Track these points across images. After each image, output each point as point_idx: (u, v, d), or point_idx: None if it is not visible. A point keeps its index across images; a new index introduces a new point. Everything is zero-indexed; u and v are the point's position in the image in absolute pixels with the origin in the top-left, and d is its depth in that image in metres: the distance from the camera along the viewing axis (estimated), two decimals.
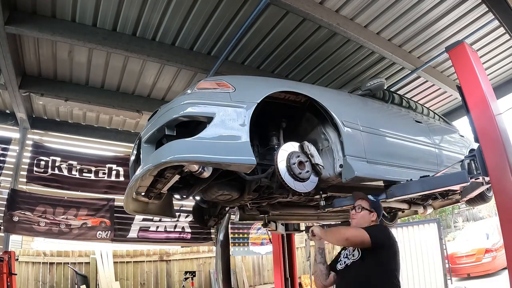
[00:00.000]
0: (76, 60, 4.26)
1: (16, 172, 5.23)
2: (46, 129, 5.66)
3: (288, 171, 2.27)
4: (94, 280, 6.38)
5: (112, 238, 5.64)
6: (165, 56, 3.99)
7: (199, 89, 2.26)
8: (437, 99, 5.87)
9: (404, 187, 2.75)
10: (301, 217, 4.29)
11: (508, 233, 2.21)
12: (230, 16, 3.66)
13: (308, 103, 2.65)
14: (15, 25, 3.36)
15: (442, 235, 8.00)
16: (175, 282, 7.10)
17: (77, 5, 3.42)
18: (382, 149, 2.91)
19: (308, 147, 2.42)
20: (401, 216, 4.96)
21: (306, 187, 2.36)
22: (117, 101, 4.97)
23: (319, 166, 2.42)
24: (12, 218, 4.93)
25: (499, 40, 4.46)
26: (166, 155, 1.98)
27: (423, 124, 3.64)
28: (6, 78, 4.06)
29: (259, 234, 7.46)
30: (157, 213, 2.96)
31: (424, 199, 3.62)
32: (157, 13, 3.57)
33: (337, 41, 4.18)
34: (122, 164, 5.94)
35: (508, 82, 5.47)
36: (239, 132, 2.10)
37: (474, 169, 2.41)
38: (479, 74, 2.52)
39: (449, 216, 19.36)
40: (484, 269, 9.21)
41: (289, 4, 3.20)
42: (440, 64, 4.84)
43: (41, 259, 6.14)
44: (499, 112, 2.44)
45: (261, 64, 4.54)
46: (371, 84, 3.18)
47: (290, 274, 5.13)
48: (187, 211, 6.09)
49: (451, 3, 3.68)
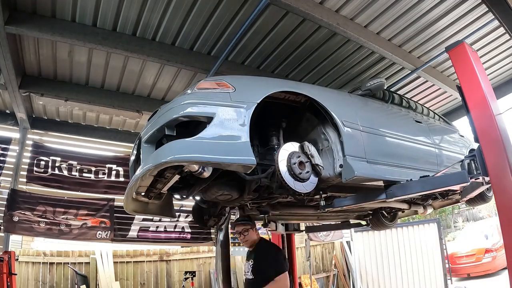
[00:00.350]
0: (76, 60, 4.26)
1: (16, 172, 5.22)
2: (46, 129, 5.66)
3: (289, 171, 2.26)
4: (94, 280, 6.37)
5: (112, 238, 5.63)
6: (165, 56, 3.99)
7: (199, 89, 2.26)
8: (437, 99, 5.87)
9: (404, 187, 2.75)
10: (301, 217, 4.29)
11: (508, 233, 2.21)
12: (230, 16, 3.66)
13: (308, 103, 2.65)
14: (15, 25, 3.36)
15: (442, 235, 8.01)
16: (175, 282, 7.09)
17: (77, 5, 3.42)
18: (382, 149, 2.91)
19: (309, 148, 2.42)
20: (401, 216, 4.96)
21: (306, 188, 2.36)
22: (117, 101, 4.96)
23: (319, 166, 2.41)
24: (12, 218, 4.92)
25: (499, 40, 4.46)
26: (166, 155, 1.98)
27: (423, 124, 3.64)
28: (6, 78, 4.06)
29: None
30: (157, 213, 2.96)
31: (424, 199, 3.62)
32: (157, 13, 3.57)
33: (337, 41, 4.18)
34: (122, 164, 5.93)
35: (508, 82, 5.47)
36: (239, 132, 2.09)
37: (474, 169, 2.40)
38: (479, 74, 2.52)
39: (449, 216, 19.37)
40: (484, 269, 9.22)
41: (289, 4, 3.20)
42: (440, 64, 4.84)
43: (41, 259, 6.13)
44: (499, 112, 2.44)
45: (261, 64, 4.54)
46: (371, 84, 3.17)
47: (290, 274, 5.12)
48: (187, 211, 6.09)
49: (451, 3, 3.68)
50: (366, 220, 4.60)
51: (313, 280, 8.06)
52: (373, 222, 4.46)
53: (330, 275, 8.76)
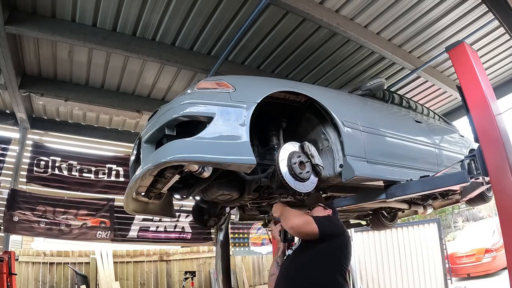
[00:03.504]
0: (76, 60, 4.26)
1: (16, 172, 5.22)
2: (46, 129, 5.66)
3: (289, 171, 2.26)
4: (94, 280, 6.37)
5: (112, 238, 5.64)
6: (165, 56, 4.00)
7: (199, 89, 2.26)
8: (437, 99, 5.87)
9: (404, 187, 2.75)
10: None
11: (508, 233, 2.21)
12: (230, 16, 3.66)
13: (308, 103, 2.65)
14: (15, 25, 3.36)
15: (442, 235, 8.01)
16: (175, 282, 7.10)
17: (77, 5, 3.42)
18: (382, 149, 2.91)
19: (309, 148, 2.42)
20: (401, 216, 4.95)
21: (306, 187, 2.35)
22: (117, 101, 4.97)
23: (319, 166, 2.41)
24: (12, 218, 4.92)
25: (499, 40, 4.46)
26: (166, 155, 1.97)
27: (423, 124, 3.64)
28: (6, 78, 4.06)
29: (259, 234, 7.45)
30: (157, 213, 2.96)
31: (424, 199, 3.62)
32: (157, 13, 3.57)
33: (337, 41, 4.18)
34: (122, 164, 5.94)
35: (508, 82, 5.47)
36: (239, 132, 2.09)
37: (474, 169, 2.40)
38: (479, 74, 2.52)
39: (449, 216, 19.38)
40: (484, 269, 9.21)
41: (289, 4, 3.20)
42: (440, 64, 4.84)
43: (41, 259, 6.13)
44: (499, 112, 2.44)
45: (261, 64, 4.54)
46: (371, 84, 3.17)
47: None
48: (187, 211, 6.09)
49: (451, 3, 3.68)
50: (366, 220, 4.60)
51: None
52: (373, 222, 4.46)
53: None
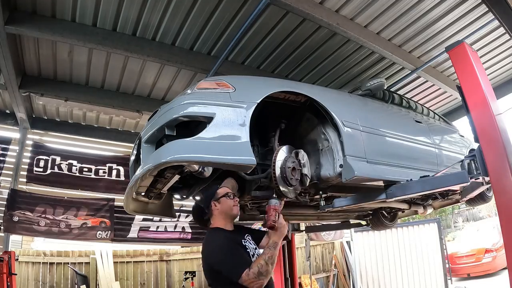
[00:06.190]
0: (76, 60, 4.26)
1: (16, 172, 5.22)
2: (46, 129, 5.65)
3: (281, 173, 2.28)
4: (94, 280, 6.37)
5: (112, 238, 5.63)
6: (165, 56, 3.99)
7: (199, 89, 2.26)
8: (437, 99, 5.87)
9: (404, 187, 2.75)
10: (301, 217, 4.29)
11: (508, 233, 2.21)
12: (230, 16, 3.66)
13: (308, 103, 2.65)
14: (15, 25, 3.35)
15: (442, 235, 8.01)
16: (175, 282, 7.09)
17: (77, 5, 3.41)
18: (382, 149, 2.91)
19: (303, 156, 2.44)
20: (401, 216, 4.96)
21: (289, 194, 2.38)
22: (117, 101, 4.96)
23: (306, 177, 2.44)
24: (12, 218, 4.92)
25: (499, 40, 4.46)
26: (166, 155, 1.98)
27: (423, 124, 3.64)
28: (6, 78, 4.05)
29: None
30: (157, 213, 2.96)
31: (424, 199, 3.62)
32: (157, 13, 3.57)
33: (337, 41, 4.18)
34: (122, 164, 5.93)
35: (508, 82, 5.47)
36: (239, 132, 2.09)
37: (474, 169, 2.40)
38: (479, 74, 2.52)
39: (449, 216, 19.39)
40: (484, 269, 9.22)
41: (289, 4, 3.20)
42: (440, 64, 4.84)
43: (41, 259, 6.12)
44: (499, 112, 2.43)
45: (261, 64, 4.54)
46: (371, 84, 3.18)
47: (290, 274, 5.13)
48: (187, 211, 6.08)
49: (451, 3, 3.68)
50: (366, 220, 4.60)
51: (313, 280, 8.06)
52: (373, 222, 4.47)
53: (330, 275, 8.76)
